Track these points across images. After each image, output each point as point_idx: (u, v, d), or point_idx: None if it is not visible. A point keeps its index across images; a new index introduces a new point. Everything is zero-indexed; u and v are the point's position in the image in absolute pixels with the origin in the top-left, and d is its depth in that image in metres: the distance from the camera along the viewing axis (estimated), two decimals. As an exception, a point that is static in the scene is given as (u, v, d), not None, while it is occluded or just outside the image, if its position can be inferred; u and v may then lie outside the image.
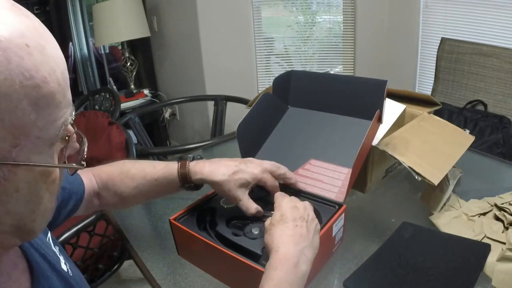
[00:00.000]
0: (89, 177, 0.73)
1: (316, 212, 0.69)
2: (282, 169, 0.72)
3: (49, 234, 0.55)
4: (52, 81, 0.35)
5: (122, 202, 0.74)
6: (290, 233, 0.56)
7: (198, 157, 0.72)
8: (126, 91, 2.89)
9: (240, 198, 0.66)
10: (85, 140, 0.43)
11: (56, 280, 0.48)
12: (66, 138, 0.40)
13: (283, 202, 0.62)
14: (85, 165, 0.42)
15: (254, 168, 0.68)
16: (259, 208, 0.67)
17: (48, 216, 0.42)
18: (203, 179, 0.68)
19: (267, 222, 0.61)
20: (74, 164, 0.41)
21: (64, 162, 0.41)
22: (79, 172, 0.72)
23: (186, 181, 0.69)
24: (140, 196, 0.73)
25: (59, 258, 0.52)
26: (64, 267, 0.51)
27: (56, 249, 0.53)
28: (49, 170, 0.38)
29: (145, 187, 0.71)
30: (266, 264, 0.55)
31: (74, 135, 0.42)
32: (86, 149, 0.43)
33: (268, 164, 0.70)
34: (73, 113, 0.41)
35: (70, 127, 0.41)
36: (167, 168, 0.70)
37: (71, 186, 0.68)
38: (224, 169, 0.67)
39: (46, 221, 0.42)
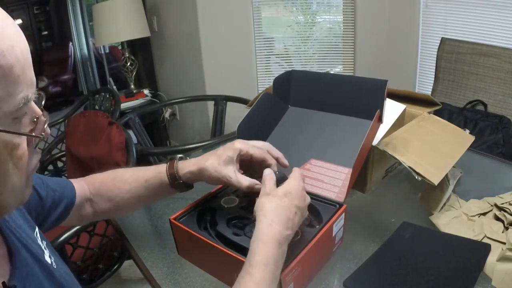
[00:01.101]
0: (81, 184, 0.74)
1: (316, 211, 0.69)
2: (266, 144, 0.71)
3: (36, 229, 0.56)
4: (9, 54, 0.37)
5: (116, 207, 0.74)
6: (289, 217, 0.57)
7: (186, 158, 0.73)
8: (126, 91, 2.89)
9: (230, 176, 0.66)
10: (47, 116, 0.44)
11: (38, 269, 0.49)
12: (34, 120, 0.42)
13: (298, 182, 0.62)
14: (43, 135, 0.43)
15: (233, 144, 0.68)
16: (253, 181, 0.66)
17: (18, 194, 0.43)
18: (190, 171, 0.68)
19: (270, 183, 0.61)
20: (33, 134, 0.42)
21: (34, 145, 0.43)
22: (71, 180, 0.73)
23: (175, 179, 0.69)
24: (133, 200, 0.73)
25: (43, 251, 0.52)
26: (48, 259, 0.52)
27: (43, 244, 0.54)
28: (13, 143, 0.39)
29: (137, 189, 0.71)
30: (254, 232, 0.55)
31: (43, 118, 0.43)
32: (47, 123, 0.44)
33: (251, 141, 0.71)
34: (43, 99, 0.43)
35: (37, 109, 0.42)
36: (157, 169, 0.71)
37: (62, 189, 0.69)
38: (207, 155, 0.69)
39: (17, 199, 0.43)
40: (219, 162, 0.66)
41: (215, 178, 0.67)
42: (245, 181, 0.66)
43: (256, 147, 0.69)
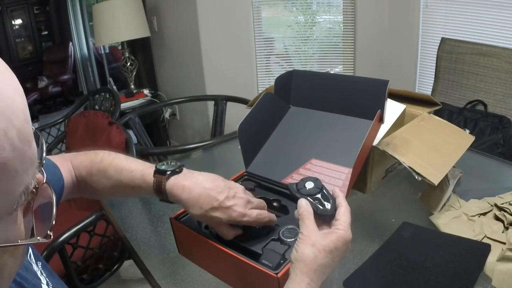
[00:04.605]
0: (69, 168, 0.69)
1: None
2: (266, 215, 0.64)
3: (30, 250, 0.50)
4: (3, 149, 0.28)
5: (99, 196, 0.74)
6: (327, 274, 0.54)
7: (177, 170, 0.63)
8: (126, 91, 2.89)
9: (216, 228, 0.62)
10: (54, 204, 0.36)
11: None
12: (33, 190, 0.34)
13: (347, 234, 0.56)
14: (52, 237, 0.35)
15: (234, 212, 0.60)
16: (237, 232, 0.63)
17: (14, 275, 0.37)
18: (180, 204, 0.62)
19: (310, 224, 0.55)
20: (39, 238, 0.34)
21: (32, 216, 0.35)
22: (58, 163, 0.67)
23: (161, 195, 0.63)
24: (117, 194, 0.72)
25: (39, 280, 0.48)
26: None
27: (38, 266, 0.49)
28: (10, 240, 0.32)
29: (121, 189, 0.67)
30: (290, 283, 0.52)
31: (45, 185, 0.36)
32: (55, 214, 0.35)
33: (257, 201, 0.64)
34: (42, 165, 0.35)
35: (39, 175, 0.34)
36: (143, 179, 0.64)
37: (47, 175, 0.64)
38: (203, 202, 0.59)
39: (12, 278, 0.37)
40: (211, 219, 0.60)
41: (200, 220, 0.64)
42: (229, 235, 0.62)
43: (256, 217, 0.62)
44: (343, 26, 2.41)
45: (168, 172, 0.62)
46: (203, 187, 0.61)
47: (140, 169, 0.65)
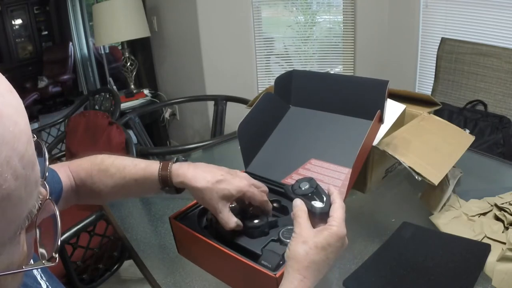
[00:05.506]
0: (67, 173, 0.69)
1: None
2: (265, 188, 0.67)
3: None
4: (5, 180, 0.26)
5: (100, 198, 0.72)
6: (323, 271, 0.54)
7: (183, 159, 0.67)
8: (126, 91, 2.89)
9: (220, 210, 0.62)
10: (59, 224, 0.35)
11: None
12: (37, 212, 0.33)
13: (340, 230, 0.55)
14: (57, 259, 0.34)
15: (240, 181, 0.63)
16: (239, 222, 0.63)
17: None
18: (184, 182, 0.63)
19: (303, 222, 0.55)
20: (44, 261, 0.34)
21: (36, 229, 0.35)
22: (55, 168, 0.68)
23: (167, 184, 0.65)
24: (119, 194, 0.70)
25: (39, 284, 0.47)
26: None
27: (38, 270, 0.49)
28: (14, 264, 0.31)
29: (124, 187, 0.67)
30: (285, 281, 0.52)
31: (48, 201, 0.35)
32: (60, 231, 0.35)
33: (254, 180, 0.67)
34: (45, 179, 0.34)
35: (42, 190, 0.34)
36: (147, 169, 0.66)
37: (48, 187, 0.64)
38: (209, 176, 0.62)
39: None
40: (217, 193, 0.61)
41: (206, 203, 0.63)
42: (232, 222, 0.62)
43: (260, 193, 0.65)
44: (343, 26, 2.41)
45: (175, 159, 0.67)
46: (206, 166, 0.66)
47: (143, 163, 0.68)
